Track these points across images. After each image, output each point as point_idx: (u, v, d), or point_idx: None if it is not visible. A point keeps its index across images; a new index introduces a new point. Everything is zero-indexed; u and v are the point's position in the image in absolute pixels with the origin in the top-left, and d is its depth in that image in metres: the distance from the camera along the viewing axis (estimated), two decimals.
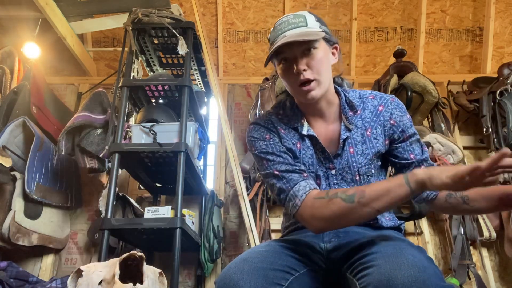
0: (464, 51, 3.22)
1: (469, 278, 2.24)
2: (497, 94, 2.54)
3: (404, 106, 1.10)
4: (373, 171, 1.06)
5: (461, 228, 2.32)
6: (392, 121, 1.06)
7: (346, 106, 1.08)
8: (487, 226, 2.37)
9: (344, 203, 0.89)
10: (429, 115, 2.69)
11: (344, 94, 1.10)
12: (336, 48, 1.09)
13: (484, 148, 2.71)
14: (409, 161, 1.06)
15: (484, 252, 2.48)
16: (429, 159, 1.08)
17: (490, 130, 2.53)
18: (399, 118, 1.07)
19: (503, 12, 3.13)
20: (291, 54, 1.01)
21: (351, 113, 1.07)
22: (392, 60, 2.93)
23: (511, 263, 2.48)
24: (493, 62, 3.09)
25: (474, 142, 2.83)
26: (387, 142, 1.07)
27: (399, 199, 0.87)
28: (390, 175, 1.11)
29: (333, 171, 1.05)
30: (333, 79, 1.15)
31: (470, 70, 3.22)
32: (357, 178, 1.04)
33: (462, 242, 2.29)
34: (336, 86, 1.12)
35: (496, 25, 3.13)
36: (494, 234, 2.35)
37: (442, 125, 2.63)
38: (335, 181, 1.05)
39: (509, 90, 2.53)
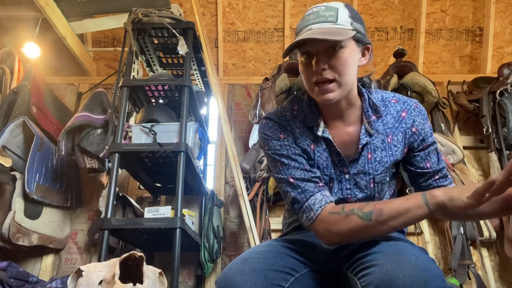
0: (464, 51, 3.22)
1: (469, 278, 2.24)
2: (497, 94, 2.54)
3: (426, 113, 1.06)
4: (387, 178, 1.03)
5: (461, 228, 2.32)
6: (414, 129, 1.02)
7: (370, 110, 1.01)
8: (487, 226, 2.36)
9: (361, 221, 0.86)
10: (429, 115, 2.69)
11: (368, 96, 1.03)
12: (368, 48, 1.02)
13: (484, 148, 2.70)
14: (426, 170, 1.03)
15: (484, 252, 2.48)
16: (445, 168, 1.05)
17: (490, 130, 2.53)
18: (421, 126, 1.02)
19: (503, 12, 3.13)
20: (314, 49, 0.92)
21: (374, 117, 1.01)
22: (392, 60, 2.92)
23: (511, 263, 2.48)
24: (493, 62, 3.09)
25: (474, 142, 2.83)
26: (405, 150, 1.03)
27: (417, 219, 0.86)
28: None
29: (347, 176, 1.01)
30: (362, 78, 1.09)
31: (470, 70, 3.22)
32: (371, 185, 1.01)
33: (462, 242, 2.29)
34: (360, 87, 1.05)
35: (496, 25, 3.13)
36: (494, 234, 2.35)
37: (442, 125, 2.63)
38: (348, 185, 1.02)
39: (509, 90, 2.53)
